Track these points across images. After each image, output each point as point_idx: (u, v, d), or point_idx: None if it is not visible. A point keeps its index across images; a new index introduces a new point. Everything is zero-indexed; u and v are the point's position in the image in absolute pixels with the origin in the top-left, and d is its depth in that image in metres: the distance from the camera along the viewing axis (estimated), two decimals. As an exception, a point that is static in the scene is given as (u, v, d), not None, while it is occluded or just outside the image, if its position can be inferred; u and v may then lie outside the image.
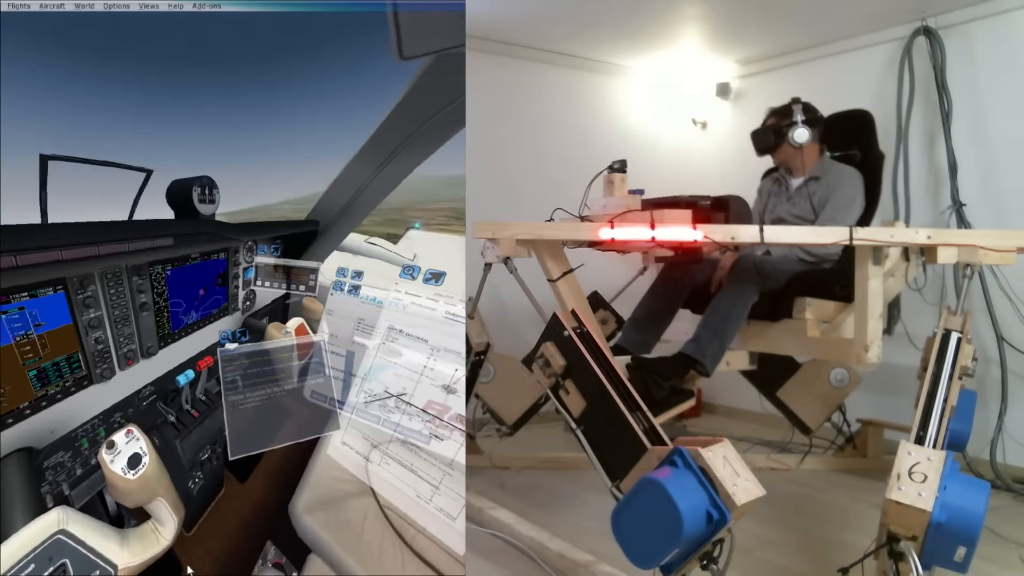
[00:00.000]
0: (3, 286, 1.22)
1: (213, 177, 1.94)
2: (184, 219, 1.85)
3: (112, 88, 2.00)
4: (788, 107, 2.78)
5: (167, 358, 1.80)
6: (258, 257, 2.24)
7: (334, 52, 1.37)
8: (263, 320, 2.26)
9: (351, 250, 2.71)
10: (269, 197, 2.72)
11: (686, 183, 3.84)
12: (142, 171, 1.72)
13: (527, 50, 3.91)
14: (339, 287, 2.00)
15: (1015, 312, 2.96)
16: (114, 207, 1.82)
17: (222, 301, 2.08)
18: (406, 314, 1.88)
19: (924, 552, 1.54)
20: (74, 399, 1.45)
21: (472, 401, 2.95)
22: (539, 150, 4.00)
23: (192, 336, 1.93)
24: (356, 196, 2.16)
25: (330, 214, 2.27)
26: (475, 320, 2.84)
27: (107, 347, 1.53)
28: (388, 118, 1.75)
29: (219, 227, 1.90)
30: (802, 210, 2.81)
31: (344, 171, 2.06)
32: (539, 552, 2.14)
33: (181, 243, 1.68)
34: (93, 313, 1.47)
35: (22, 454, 1.30)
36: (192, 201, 1.79)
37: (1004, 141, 3.07)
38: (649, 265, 3.10)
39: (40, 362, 1.34)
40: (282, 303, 2.46)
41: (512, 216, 2.33)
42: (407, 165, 1.97)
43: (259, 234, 2.19)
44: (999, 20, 3.07)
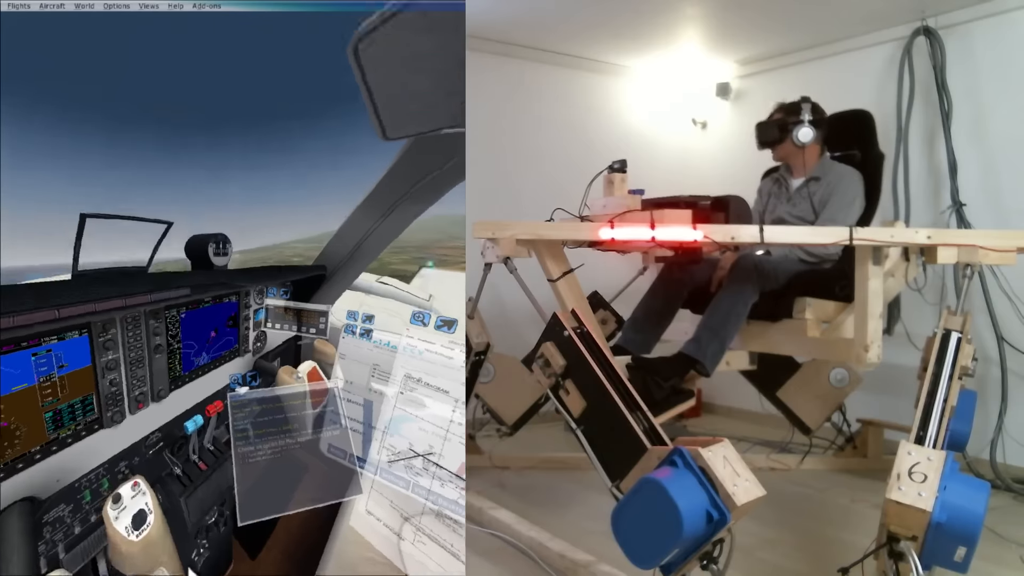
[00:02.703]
0: (41, 332, 1.29)
1: (230, 217, 2.10)
2: (200, 270, 1.98)
3: (143, 148, 2.18)
4: (797, 104, 2.78)
5: (177, 402, 1.78)
6: (268, 299, 2.25)
7: (337, 111, 1.49)
8: (274, 362, 2.25)
9: (363, 290, 2.69)
10: (282, 236, 2.78)
11: (686, 183, 3.84)
12: (163, 223, 1.86)
13: (527, 50, 3.91)
14: (350, 330, 1.94)
15: (1015, 312, 2.96)
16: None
17: (233, 343, 2.09)
18: (423, 361, 1.78)
19: (924, 552, 1.54)
20: (83, 444, 1.45)
21: (472, 401, 2.95)
22: (539, 150, 4.00)
23: (202, 379, 1.92)
24: (360, 243, 2.21)
25: (337, 259, 2.30)
26: (475, 320, 2.84)
27: (120, 390, 1.55)
28: (385, 176, 1.85)
29: (231, 276, 1.97)
30: (802, 210, 2.81)
31: (347, 221, 2.14)
32: (539, 552, 2.14)
33: (196, 292, 1.76)
34: (111, 355, 1.51)
35: (24, 505, 1.26)
36: (208, 255, 1.93)
37: (1004, 141, 3.07)
38: (649, 265, 3.10)
39: (57, 403, 1.36)
40: (293, 344, 2.45)
41: (512, 216, 2.33)
42: (408, 216, 2.05)
43: (268, 280, 2.21)
44: (999, 20, 3.07)
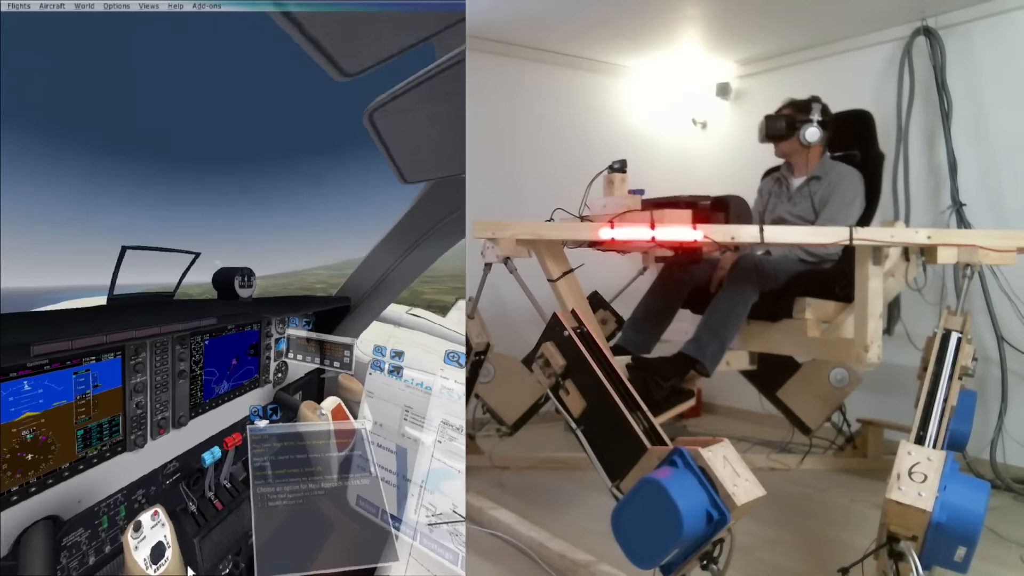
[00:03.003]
0: (84, 353, 1.39)
1: (253, 243, 2.13)
2: (226, 300, 2.04)
3: (174, 181, 2.30)
4: (808, 103, 2.78)
5: (196, 430, 1.79)
6: (290, 329, 2.23)
7: (365, 145, 1.54)
8: (296, 395, 2.22)
9: (392, 322, 2.63)
10: (304, 263, 2.82)
11: (686, 183, 3.85)
12: (191, 253, 1.95)
13: (527, 50, 3.91)
14: (377, 366, 1.82)
15: (1015, 312, 2.96)
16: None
17: (253, 372, 2.09)
18: (462, 407, 1.65)
19: (924, 552, 1.54)
20: (106, 466, 1.48)
21: (472, 401, 2.95)
22: (539, 150, 4.00)
23: (222, 408, 1.92)
24: (384, 278, 2.20)
25: (360, 291, 2.27)
26: (475, 320, 2.84)
27: (144, 413, 1.60)
28: (406, 215, 1.92)
29: (254, 307, 2.03)
30: (802, 210, 2.81)
31: (369, 256, 2.15)
32: (539, 552, 2.14)
33: (223, 321, 1.83)
34: (139, 378, 1.57)
35: (48, 524, 1.30)
36: (233, 286, 2.00)
37: (1004, 141, 3.07)
38: (649, 265, 3.10)
39: (88, 422, 1.42)
40: (316, 378, 2.40)
41: (512, 216, 2.33)
42: (432, 253, 2.08)
43: (291, 311, 2.21)
44: (999, 20, 3.07)
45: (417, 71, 1.15)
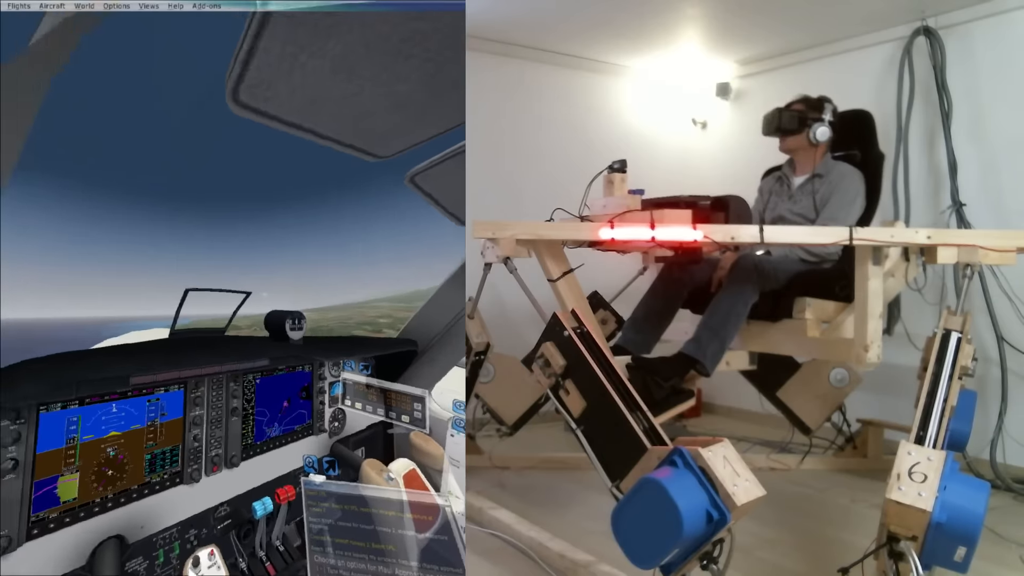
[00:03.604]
0: (156, 384, 1.51)
1: (305, 275, 2.17)
2: (277, 342, 2.04)
3: (235, 220, 2.34)
4: (820, 102, 2.77)
5: (247, 473, 1.79)
6: (345, 373, 2.07)
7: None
8: (357, 452, 2.04)
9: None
10: (364, 294, 2.79)
11: (686, 183, 3.85)
12: (243, 292, 2.03)
13: (527, 50, 3.91)
14: (459, 426, 1.54)
15: (1015, 312, 2.96)
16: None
17: (306, 417, 2.04)
18: None
19: (924, 552, 1.54)
20: (166, 495, 1.54)
21: (472, 401, 2.95)
22: (539, 150, 4.00)
23: (273, 453, 1.89)
24: (457, 320, 2.03)
25: (429, 335, 2.07)
26: (475, 320, 2.84)
27: (201, 446, 1.64)
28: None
29: (305, 350, 2.02)
30: (803, 208, 2.81)
31: (436, 295, 2.04)
32: (539, 552, 2.14)
33: (275, 362, 1.86)
34: (198, 411, 1.63)
35: (117, 543, 1.38)
36: (284, 329, 2.01)
37: (1004, 141, 3.08)
38: (649, 265, 3.10)
39: (155, 448, 1.53)
40: (382, 432, 2.17)
41: (512, 216, 2.33)
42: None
43: (346, 354, 2.08)
44: (999, 20, 3.07)
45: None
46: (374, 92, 0.94)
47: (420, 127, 1.16)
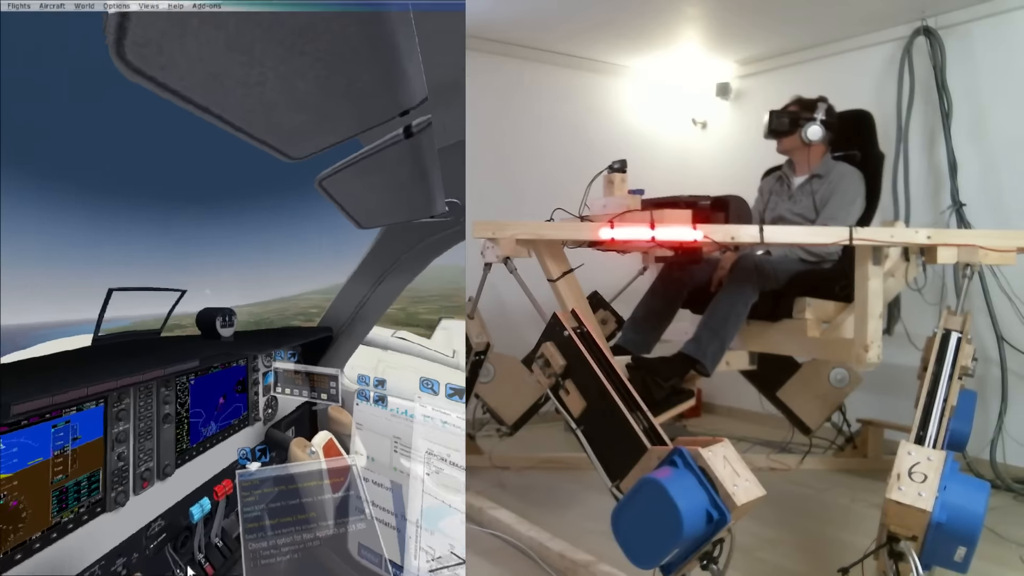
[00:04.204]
0: (64, 404, 1.26)
1: (244, 272, 2.27)
2: (208, 340, 2.04)
3: (175, 219, 2.33)
4: (814, 102, 2.78)
5: (183, 480, 1.67)
6: (276, 363, 2.19)
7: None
8: (288, 432, 2.16)
9: (380, 346, 2.63)
10: (297, 288, 2.85)
11: (686, 183, 3.85)
12: (177, 291, 1.96)
13: (527, 50, 3.91)
14: (363, 396, 1.76)
15: (1015, 312, 2.96)
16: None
17: (242, 409, 2.05)
18: (445, 432, 1.56)
19: (924, 552, 1.54)
20: (83, 532, 1.34)
21: (472, 401, 2.94)
22: (539, 150, 4.00)
23: (210, 452, 1.83)
24: (359, 308, 2.23)
25: (340, 321, 2.29)
26: (475, 320, 2.84)
27: (127, 465, 1.47)
28: (369, 253, 2.05)
29: (236, 346, 2.01)
30: (803, 208, 2.81)
31: (343, 288, 2.21)
32: (539, 552, 2.14)
33: (205, 362, 1.77)
34: (122, 426, 1.45)
35: None
36: (215, 327, 2.02)
37: (1004, 141, 3.08)
38: (649, 265, 3.10)
39: (65, 481, 1.28)
40: (308, 411, 2.35)
41: (512, 216, 2.33)
42: (399, 284, 2.17)
43: (274, 345, 2.18)
44: (999, 20, 3.07)
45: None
46: (276, 85, 0.90)
47: (324, 131, 1.13)
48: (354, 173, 1.36)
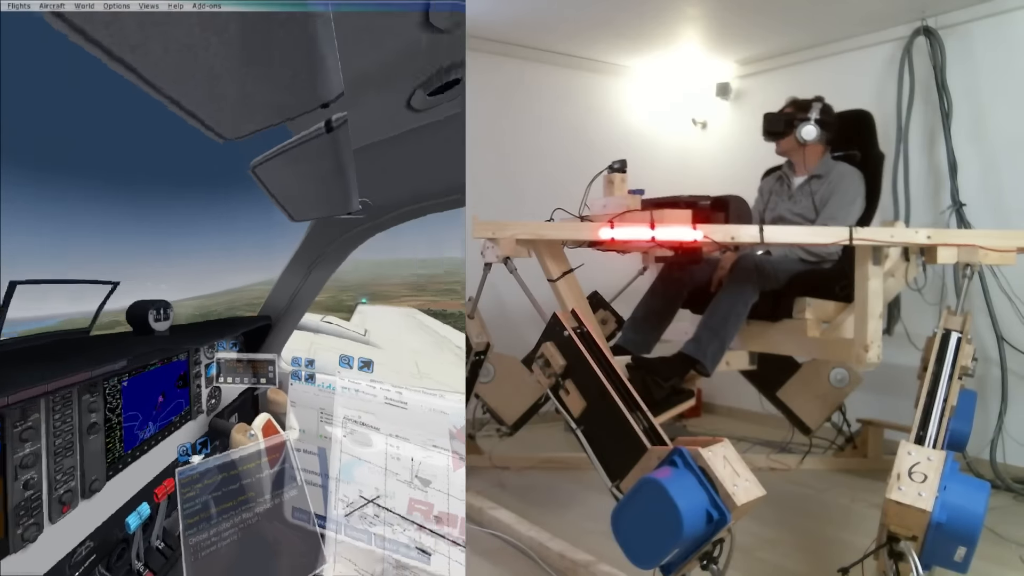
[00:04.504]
0: None
1: (198, 266, 2.14)
2: (140, 335, 1.84)
3: (118, 204, 2.11)
4: (808, 102, 2.79)
5: (116, 491, 1.47)
6: (219, 353, 2.17)
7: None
8: (231, 419, 2.17)
9: (311, 329, 2.78)
10: (247, 279, 2.84)
11: (686, 183, 3.85)
12: (108, 283, 1.74)
13: (527, 50, 3.91)
14: (297, 376, 1.93)
15: (1015, 312, 2.96)
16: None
17: (184, 404, 1.92)
18: (358, 399, 1.81)
19: (924, 552, 1.54)
20: None
21: (472, 401, 2.95)
22: (539, 150, 4.00)
23: (149, 455, 1.65)
24: (294, 296, 2.34)
25: (278, 310, 2.39)
26: (475, 320, 2.84)
27: (38, 492, 1.22)
28: (300, 246, 2.15)
29: (173, 340, 1.86)
30: (803, 208, 2.81)
31: (279, 279, 2.30)
32: (539, 552, 2.14)
33: (134, 362, 1.56)
34: (30, 448, 1.19)
35: None
36: (148, 321, 1.86)
37: (1004, 141, 3.08)
38: (649, 265, 3.10)
39: None
40: (251, 396, 2.37)
41: (512, 216, 2.33)
42: (324, 274, 2.29)
43: (215, 336, 2.13)
44: (999, 20, 3.07)
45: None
46: (210, 61, 0.90)
47: (252, 115, 1.16)
48: (284, 161, 1.42)
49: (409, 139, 1.53)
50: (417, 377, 2.16)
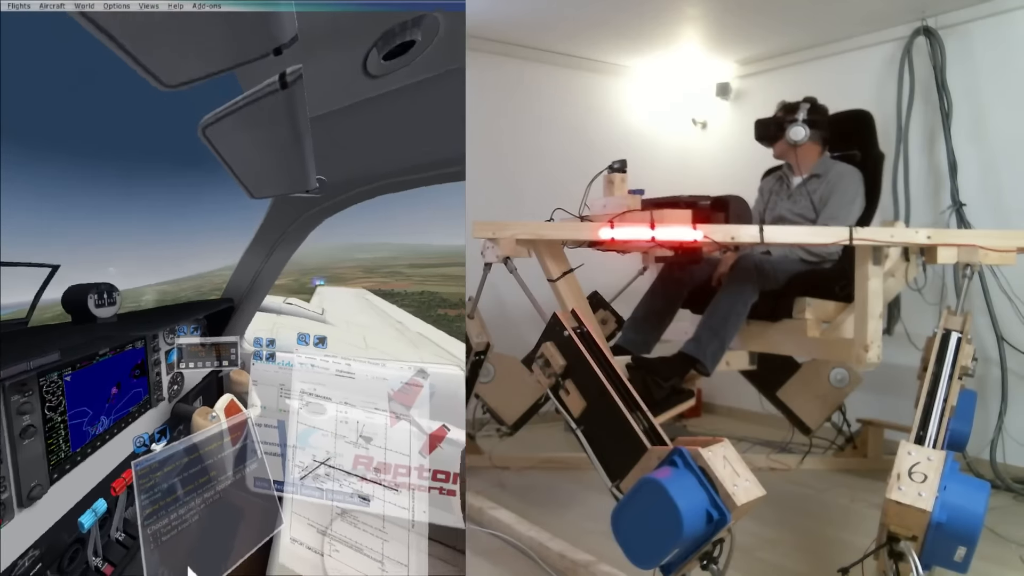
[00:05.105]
0: None
1: (164, 251, 2.18)
2: (79, 324, 1.69)
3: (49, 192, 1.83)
4: (796, 104, 2.79)
5: (63, 494, 1.38)
6: (179, 339, 2.09)
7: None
8: (195, 403, 2.14)
9: (274, 311, 2.82)
10: (214, 263, 2.82)
11: (686, 183, 3.85)
12: (46, 267, 1.57)
13: (527, 50, 3.91)
14: (259, 356, 2.01)
15: (1015, 312, 2.96)
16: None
17: (142, 394, 1.81)
18: (313, 372, 1.94)
19: (924, 552, 1.54)
20: None
21: (472, 401, 2.95)
22: (539, 150, 4.00)
23: (103, 450, 1.55)
24: (255, 279, 2.37)
25: (240, 292, 2.41)
26: (475, 320, 2.84)
27: None
28: (261, 227, 2.17)
29: (119, 328, 1.70)
30: (803, 208, 2.81)
31: (240, 261, 2.33)
32: (539, 552, 2.14)
33: (68, 355, 1.40)
34: None
35: None
36: (88, 307, 1.66)
37: (1004, 141, 3.08)
38: (649, 265, 3.10)
39: None
40: (215, 379, 2.34)
41: (512, 216, 2.33)
42: (284, 255, 2.33)
43: (172, 321, 2.04)
44: (999, 20, 3.07)
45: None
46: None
47: (199, 59, 1.07)
48: (236, 122, 1.33)
49: (366, 108, 1.47)
50: (364, 349, 2.41)
